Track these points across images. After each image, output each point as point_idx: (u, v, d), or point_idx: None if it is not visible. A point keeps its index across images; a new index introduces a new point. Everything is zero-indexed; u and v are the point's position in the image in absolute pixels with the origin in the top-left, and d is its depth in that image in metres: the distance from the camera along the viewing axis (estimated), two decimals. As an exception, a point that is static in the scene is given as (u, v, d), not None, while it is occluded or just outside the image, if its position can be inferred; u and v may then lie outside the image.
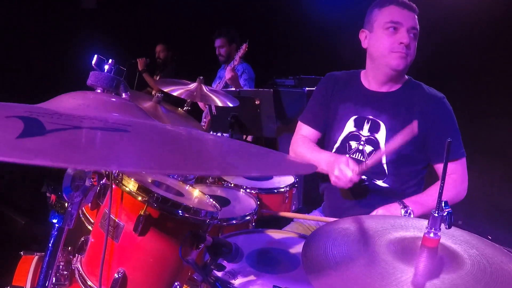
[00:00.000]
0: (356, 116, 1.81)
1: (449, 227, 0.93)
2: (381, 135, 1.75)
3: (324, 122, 1.94)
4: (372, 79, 1.83)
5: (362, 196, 1.79)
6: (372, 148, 1.76)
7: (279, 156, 0.94)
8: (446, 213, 0.91)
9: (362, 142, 1.78)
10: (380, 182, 1.77)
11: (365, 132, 1.78)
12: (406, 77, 1.83)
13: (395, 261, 0.93)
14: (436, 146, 1.74)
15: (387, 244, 1.00)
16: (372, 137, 1.76)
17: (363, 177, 1.77)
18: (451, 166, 1.73)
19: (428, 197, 1.70)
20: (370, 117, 1.78)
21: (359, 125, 1.80)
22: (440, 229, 0.92)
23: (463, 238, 1.05)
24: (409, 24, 1.68)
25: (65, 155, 0.62)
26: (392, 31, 1.68)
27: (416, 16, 1.73)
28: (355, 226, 1.11)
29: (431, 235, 0.92)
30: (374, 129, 1.76)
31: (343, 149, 1.83)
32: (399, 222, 1.13)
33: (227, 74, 3.59)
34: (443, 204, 0.91)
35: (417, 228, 1.08)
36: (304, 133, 1.99)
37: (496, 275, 0.90)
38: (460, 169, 1.77)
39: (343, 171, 1.60)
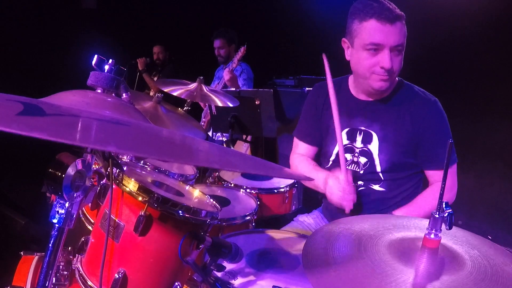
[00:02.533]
0: (348, 129, 1.78)
1: (450, 228, 0.93)
2: (374, 146, 1.73)
3: (318, 135, 1.91)
4: (359, 88, 1.78)
5: (359, 202, 1.78)
6: (366, 160, 1.74)
7: (277, 166, 0.96)
8: (447, 214, 0.91)
9: (356, 154, 1.76)
10: (376, 187, 1.76)
11: (358, 144, 1.76)
12: (397, 79, 1.77)
13: (395, 261, 0.93)
14: (426, 152, 1.71)
15: (388, 245, 1.00)
16: (366, 149, 1.74)
17: (359, 182, 1.77)
18: (439, 173, 1.71)
19: (416, 206, 1.70)
20: (362, 128, 1.75)
21: (351, 137, 1.77)
22: (440, 230, 0.92)
23: (465, 239, 1.05)
24: (391, 43, 1.55)
25: (63, 132, 0.62)
26: (373, 52, 1.57)
27: (401, 27, 1.57)
28: (356, 226, 1.11)
29: (432, 236, 0.92)
30: (367, 140, 1.74)
31: (339, 162, 1.81)
32: (401, 222, 1.13)
33: (226, 75, 3.57)
34: (444, 205, 0.91)
35: (418, 229, 1.08)
36: (301, 151, 1.96)
37: (497, 276, 0.90)
38: (450, 176, 1.72)
39: (336, 181, 1.63)
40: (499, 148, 3.18)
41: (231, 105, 2.54)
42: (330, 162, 1.84)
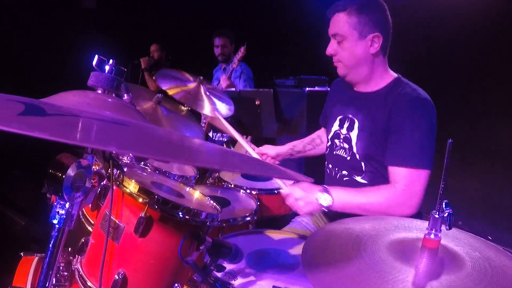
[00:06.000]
0: (341, 116, 1.85)
1: (450, 228, 0.93)
2: (354, 133, 1.76)
3: None
4: None
5: None
6: (348, 146, 1.78)
7: (277, 166, 0.96)
8: (446, 214, 0.91)
9: (341, 140, 1.82)
10: (359, 178, 1.76)
11: (344, 130, 1.81)
12: (394, 75, 1.75)
13: (394, 261, 0.93)
14: (390, 145, 1.61)
15: (388, 245, 1.00)
16: (347, 135, 1.79)
17: (344, 172, 1.79)
18: (396, 171, 1.57)
19: (359, 194, 1.60)
20: (350, 116, 1.81)
21: (341, 124, 1.84)
22: (440, 230, 0.92)
23: (467, 241, 1.05)
24: (330, 32, 1.72)
25: (64, 132, 0.62)
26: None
27: (339, 16, 1.67)
28: (356, 227, 1.11)
29: (432, 236, 0.92)
30: (350, 127, 1.79)
31: (332, 147, 1.88)
32: (402, 223, 1.13)
33: (223, 83, 3.66)
34: (443, 205, 0.91)
35: (420, 230, 1.08)
36: (320, 132, 2.20)
37: (497, 278, 0.90)
38: (411, 181, 1.55)
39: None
40: (499, 148, 3.17)
41: (223, 113, 2.49)
42: (328, 148, 1.91)
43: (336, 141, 1.85)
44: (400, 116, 1.60)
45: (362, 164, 1.74)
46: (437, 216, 0.91)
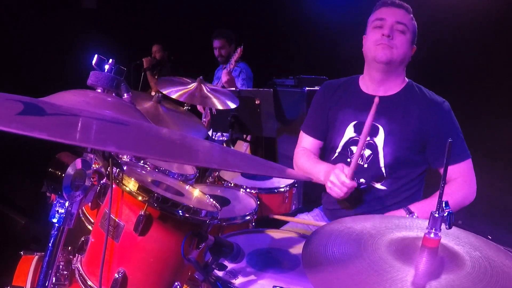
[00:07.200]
0: (356, 122, 1.82)
1: (450, 228, 0.93)
2: (379, 139, 1.76)
3: (324, 130, 1.96)
4: (368, 80, 1.85)
5: (360, 200, 1.79)
6: (371, 152, 1.76)
7: (277, 165, 0.96)
8: (446, 213, 0.91)
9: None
10: (378, 185, 1.77)
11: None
12: (407, 80, 1.84)
13: (393, 260, 0.93)
14: (437, 150, 1.74)
15: (388, 244, 1.00)
16: (371, 141, 1.77)
17: (361, 180, 1.78)
18: (456, 168, 1.74)
19: (432, 202, 1.69)
20: None
21: (358, 130, 1.80)
22: (440, 229, 0.92)
23: (467, 240, 1.04)
24: (393, 19, 1.73)
25: (63, 132, 0.62)
26: (378, 27, 1.74)
27: (405, 13, 1.76)
28: (357, 226, 1.11)
29: (432, 235, 0.92)
30: (373, 133, 1.77)
31: (345, 154, 1.84)
32: (404, 222, 1.13)
33: (224, 77, 3.61)
34: (443, 205, 0.91)
35: (420, 229, 1.08)
36: (306, 144, 2.01)
37: (497, 277, 0.90)
38: (466, 172, 1.76)
39: (337, 175, 1.62)
40: (499, 148, 3.17)
41: (232, 106, 2.54)
42: (336, 154, 1.88)
43: (354, 148, 1.81)
44: (435, 122, 1.73)
45: (383, 170, 1.75)
46: (437, 215, 0.91)
